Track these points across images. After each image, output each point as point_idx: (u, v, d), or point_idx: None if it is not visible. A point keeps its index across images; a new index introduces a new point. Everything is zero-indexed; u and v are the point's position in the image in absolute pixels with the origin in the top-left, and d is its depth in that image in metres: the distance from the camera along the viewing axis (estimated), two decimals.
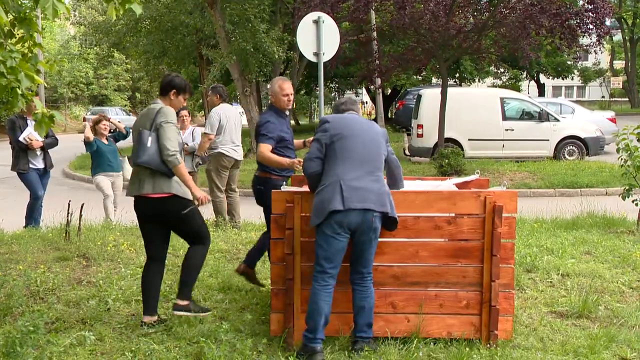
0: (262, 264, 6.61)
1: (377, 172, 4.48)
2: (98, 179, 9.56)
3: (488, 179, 5.68)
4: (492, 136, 17.40)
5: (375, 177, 4.45)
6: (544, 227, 8.53)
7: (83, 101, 47.37)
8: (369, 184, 4.40)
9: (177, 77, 5.29)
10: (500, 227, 4.52)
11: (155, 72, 26.92)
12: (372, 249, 4.48)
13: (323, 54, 10.35)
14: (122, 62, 46.68)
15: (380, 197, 4.40)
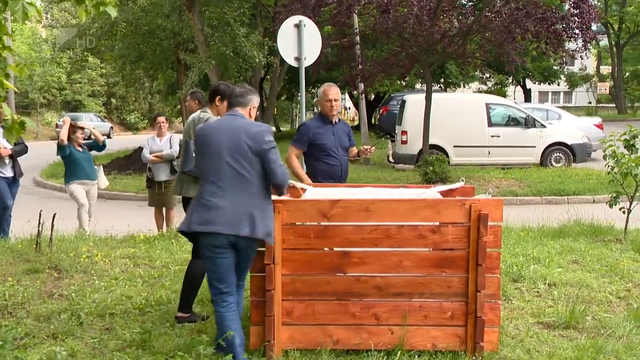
0: None
1: (241, 185, 4.31)
2: (72, 188, 9.48)
3: (473, 186, 5.71)
4: (477, 143, 17.52)
5: (235, 192, 4.31)
6: (531, 236, 8.58)
7: (55, 107, 46.95)
8: (228, 201, 4.29)
9: (222, 84, 5.73)
10: (485, 236, 4.54)
11: (131, 77, 26.77)
12: (248, 261, 4.49)
13: (304, 58, 10.36)
14: (96, 67, 46.43)
15: (235, 215, 4.27)
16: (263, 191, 4.38)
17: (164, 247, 8.08)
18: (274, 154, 4.37)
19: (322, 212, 4.61)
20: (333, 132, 6.19)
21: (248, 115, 4.58)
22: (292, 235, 4.64)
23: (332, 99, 6.10)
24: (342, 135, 6.24)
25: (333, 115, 6.17)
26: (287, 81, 32.23)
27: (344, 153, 6.23)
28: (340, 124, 6.27)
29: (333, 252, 4.72)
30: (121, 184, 17.19)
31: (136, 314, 5.61)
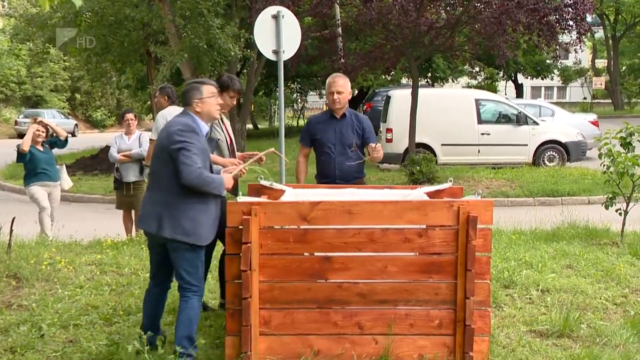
0: (216, 281, 6.57)
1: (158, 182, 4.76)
2: (33, 190, 9.40)
3: (462, 187, 5.74)
4: (466, 141, 17.62)
5: (153, 189, 4.82)
6: (523, 239, 8.64)
7: (14, 102, 46.42)
8: (147, 196, 4.88)
9: (223, 75, 5.87)
10: (474, 240, 4.57)
11: (97, 70, 26.56)
12: (178, 262, 4.73)
13: (283, 51, 10.34)
14: (59, 60, 46.01)
15: (148, 212, 4.78)
16: (182, 190, 4.64)
17: (133, 252, 8.04)
18: (182, 154, 4.60)
19: (302, 215, 4.62)
20: (335, 127, 6.16)
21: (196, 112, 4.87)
22: (270, 239, 4.64)
23: (335, 91, 6.07)
24: (347, 131, 6.14)
25: (336, 109, 6.15)
26: (264, 76, 32.13)
27: (343, 150, 6.12)
28: (349, 119, 6.16)
29: (313, 258, 4.73)
30: (87, 185, 17.08)
31: (103, 325, 5.57)
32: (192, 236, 4.65)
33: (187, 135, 4.65)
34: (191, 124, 4.75)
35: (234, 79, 5.93)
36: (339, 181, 6.03)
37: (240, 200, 4.75)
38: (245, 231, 4.58)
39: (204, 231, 4.71)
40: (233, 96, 5.93)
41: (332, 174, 6.16)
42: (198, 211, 4.68)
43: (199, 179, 4.59)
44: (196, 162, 4.60)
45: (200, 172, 4.60)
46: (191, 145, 4.62)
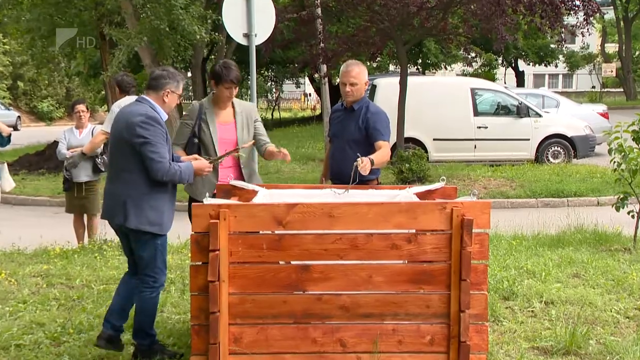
0: (180, 294, 6.56)
1: (120, 174, 5.14)
2: None
3: (456, 187, 5.76)
4: (461, 135, 17.71)
5: (115, 181, 5.21)
6: (524, 245, 8.70)
7: None
8: (108, 188, 5.27)
9: (221, 63, 6.04)
10: (470, 246, 4.59)
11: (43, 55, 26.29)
12: (139, 252, 5.20)
13: (255, 35, 10.34)
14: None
15: (112, 204, 5.19)
16: (146, 181, 5.05)
17: (86, 262, 8.00)
18: (148, 150, 4.98)
19: (277, 219, 4.62)
20: (343, 119, 6.26)
21: (161, 101, 5.23)
22: (240, 246, 4.64)
23: (348, 82, 6.10)
24: (350, 126, 6.17)
25: (347, 101, 6.22)
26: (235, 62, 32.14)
27: (342, 146, 6.16)
28: (358, 112, 6.17)
29: (290, 267, 4.73)
30: (31, 186, 16.95)
31: (50, 345, 5.54)
32: (156, 226, 5.11)
33: (151, 128, 5.00)
34: (152, 114, 5.08)
35: (229, 68, 5.96)
36: (337, 181, 6.03)
37: (207, 203, 4.74)
38: (213, 237, 4.57)
39: (166, 220, 5.18)
40: (229, 87, 5.99)
41: (333, 172, 6.25)
42: (161, 200, 5.13)
43: (169, 175, 5.01)
44: (164, 157, 5.00)
45: (169, 167, 5.00)
46: (156, 138, 4.99)
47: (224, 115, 6.15)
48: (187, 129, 6.12)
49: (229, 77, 5.92)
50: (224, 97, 6.04)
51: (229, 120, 6.16)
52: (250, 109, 6.34)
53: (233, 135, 6.11)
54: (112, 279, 7.30)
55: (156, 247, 5.21)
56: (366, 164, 5.49)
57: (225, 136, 6.09)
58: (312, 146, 22.97)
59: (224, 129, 6.11)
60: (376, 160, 5.70)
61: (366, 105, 6.23)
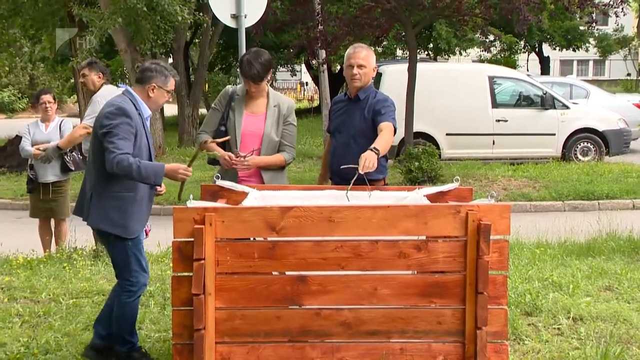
0: (160, 309, 6.57)
1: (92, 167, 5.50)
2: None
3: (472, 188, 5.78)
4: (478, 130, 17.71)
5: (88, 173, 5.61)
6: (549, 254, 8.70)
7: None
8: (82, 186, 5.63)
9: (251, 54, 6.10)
10: (487, 254, 4.60)
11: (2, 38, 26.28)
12: (110, 255, 5.60)
13: (245, 16, 10.36)
14: None
15: (81, 198, 5.59)
16: (110, 177, 5.31)
17: (53, 273, 8.01)
18: (107, 139, 5.25)
19: (270, 224, 4.63)
20: (346, 110, 6.28)
21: (146, 96, 5.52)
22: (229, 255, 4.65)
23: (356, 64, 6.11)
24: (356, 117, 6.17)
25: (354, 87, 6.22)
26: (222, 47, 32.14)
27: (346, 140, 6.18)
28: (364, 101, 6.18)
29: (284, 278, 4.75)
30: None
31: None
32: (118, 227, 5.37)
33: (115, 118, 5.29)
34: (124, 106, 5.33)
35: (251, 63, 6.00)
36: (338, 180, 6.04)
37: (191, 206, 4.75)
38: (198, 245, 4.58)
39: (132, 223, 5.40)
40: (248, 83, 6.06)
41: (332, 170, 6.26)
42: (126, 200, 5.39)
43: (120, 166, 5.17)
44: (121, 148, 5.21)
45: (122, 158, 5.17)
46: (118, 128, 5.25)
47: (255, 105, 6.20)
48: (215, 116, 6.24)
49: (247, 73, 5.99)
50: (249, 90, 6.14)
51: (260, 111, 6.20)
52: (286, 104, 6.31)
53: (260, 128, 6.13)
54: (83, 292, 7.32)
55: (126, 248, 5.43)
56: (369, 160, 5.41)
57: (251, 128, 6.13)
58: (309, 142, 22.97)
59: (251, 120, 6.15)
60: (380, 147, 5.64)
61: (373, 93, 6.24)
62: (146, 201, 5.53)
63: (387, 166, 6.27)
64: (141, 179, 5.28)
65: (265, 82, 6.11)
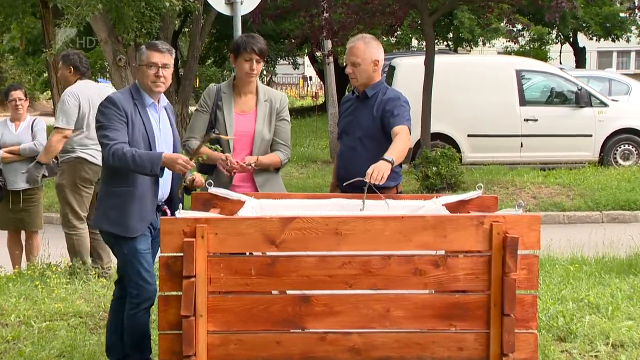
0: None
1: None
2: None
3: (497, 196, 5.78)
4: (504, 130, 17.69)
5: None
6: (585, 271, 8.69)
7: None
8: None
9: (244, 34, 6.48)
10: (514, 272, 4.59)
11: None
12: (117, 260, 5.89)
13: (241, 2, 10.38)
14: None
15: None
16: (111, 175, 5.67)
17: (24, 292, 8.03)
18: (100, 132, 5.60)
19: (269, 237, 4.63)
20: (354, 109, 6.31)
21: (140, 81, 5.77)
22: (222, 271, 4.65)
23: (349, 61, 6.16)
24: (364, 117, 6.19)
25: (353, 85, 6.30)
26: (215, 37, 32.18)
27: (352, 143, 6.21)
28: (373, 99, 6.19)
29: (286, 297, 4.75)
30: None
31: None
32: (117, 226, 5.63)
33: (105, 111, 5.59)
34: (113, 96, 5.71)
35: (252, 37, 6.14)
36: (345, 187, 5.91)
37: (181, 217, 4.76)
38: (188, 260, 4.58)
39: (132, 221, 5.60)
40: (249, 59, 6.07)
41: (339, 177, 6.24)
42: (125, 197, 5.62)
43: (115, 156, 5.44)
44: (114, 138, 5.48)
45: (117, 148, 5.43)
46: (108, 120, 5.54)
47: (244, 102, 6.26)
48: (202, 119, 6.28)
49: (250, 46, 6.02)
50: (243, 75, 6.14)
51: (249, 109, 6.26)
52: (278, 99, 6.37)
53: (251, 126, 6.19)
54: (58, 314, 7.33)
55: (126, 252, 5.65)
56: (377, 171, 5.39)
57: (242, 128, 6.18)
58: (313, 144, 22.97)
59: (242, 119, 6.21)
60: (395, 156, 5.62)
61: (383, 90, 6.24)
62: (150, 197, 5.69)
63: (400, 172, 6.27)
64: (137, 169, 5.45)
65: (261, 66, 6.19)
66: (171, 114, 6.08)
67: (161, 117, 5.89)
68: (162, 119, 5.88)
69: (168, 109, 6.04)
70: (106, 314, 7.28)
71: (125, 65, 19.06)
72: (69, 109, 8.62)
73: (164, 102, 5.97)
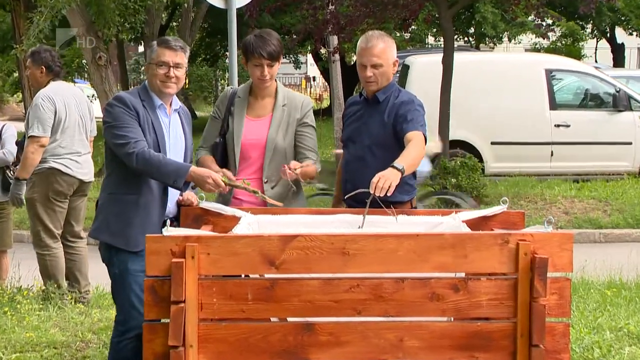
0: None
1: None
2: None
3: (523, 212, 5.79)
4: (532, 137, 17.68)
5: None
6: (624, 296, 8.69)
7: None
8: None
9: (256, 32, 6.27)
10: (544, 297, 4.60)
11: None
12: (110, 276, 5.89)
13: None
14: None
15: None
16: (115, 180, 5.78)
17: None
18: (110, 134, 5.63)
19: (268, 257, 4.63)
20: (363, 116, 6.28)
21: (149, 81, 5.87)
22: (215, 296, 4.66)
23: (367, 63, 6.09)
24: (374, 124, 6.18)
25: (369, 90, 6.25)
26: (207, 32, 32.23)
27: (360, 152, 6.20)
28: (384, 104, 6.18)
29: (286, 325, 4.75)
30: None
31: None
32: (118, 237, 5.67)
33: (115, 109, 5.63)
34: (122, 94, 5.78)
35: (263, 38, 6.11)
36: (352, 202, 5.97)
37: (168, 234, 4.76)
38: (176, 283, 4.59)
39: (134, 233, 5.58)
40: (259, 64, 6.08)
41: (346, 190, 6.16)
42: (127, 205, 5.67)
43: (139, 159, 5.47)
44: (133, 137, 5.51)
45: (143, 150, 5.46)
46: (120, 119, 5.57)
47: (259, 107, 6.28)
48: (215, 126, 6.35)
49: (258, 51, 6.01)
50: (255, 80, 6.18)
51: (264, 114, 6.27)
52: (299, 104, 6.34)
53: (263, 134, 6.19)
54: (30, 345, 7.32)
55: (115, 270, 5.72)
56: (384, 180, 5.32)
57: (252, 136, 6.19)
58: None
59: (253, 125, 6.22)
60: (406, 164, 5.55)
61: (395, 93, 6.24)
62: (157, 208, 5.71)
63: (415, 185, 6.27)
64: (159, 176, 5.54)
65: (277, 67, 6.17)
66: (185, 119, 6.08)
67: (172, 121, 5.91)
68: (172, 124, 5.90)
69: (182, 113, 6.04)
70: (84, 344, 7.33)
71: (106, 64, 19.06)
72: (44, 115, 8.61)
73: (176, 105, 5.98)
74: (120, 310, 5.66)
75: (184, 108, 6.14)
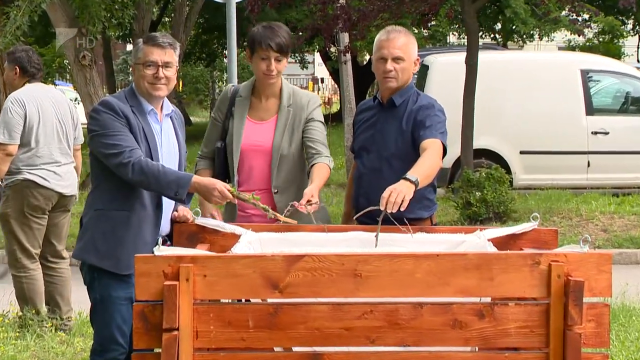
0: None
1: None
2: None
3: (557, 229, 5.79)
4: (566, 146, 17.67)
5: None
6: None
7: None
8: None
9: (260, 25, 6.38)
10: (579, 324, 4.60)
11: None
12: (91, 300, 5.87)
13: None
14: None
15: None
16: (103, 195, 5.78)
17: None
18: (97, 142, 5.64)
19: (271, 279, 4.63)
20: (378, 121, 6.25)
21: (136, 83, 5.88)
22: (213, 323, 4.66)
23: (388, 55, 6.05)
24: (391, 131, 6.14)
25: (386, 89, 6.20)
26: (203, 29, 32.29)
27: (377, 164, 6.15)
28: (402, 107, 6.15)
29: (291, 356, 4.77)
30: None
31: None
32: (106, 260, 5.66)
33: (101, 115, 5.61)
34: (108, 99, 5.77)
35: (272, 29, 6.20)
36: (365, 219, 5.81)
37: (160, 254, 4.76)
38: (169, 309, 4.59)
39: (125, 255, 5.53)
40: (266, 57, 6.11)
41: (359, 205, 6.11)
42: (117, 223, 5.65)
43: (135, 169, 5.43)
44: (128, 146, 5.49)
45: (138, 159, 5.44)
46: (108, 126, 5.55)
47: (264, 108, 6.32)
48: (215, 129, 6.41)
49: (266, 41, 6.05)
50: (261, 76, 6.19)
51: (268, 116, 6.30)
52: (306, 102, 6.37)
53: (267, 139, 6.22)
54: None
55: (96, 294, 5.72)
56: (396, 194, 5.27)
57: (254, 140, 6.23)
58: None
59: (256, 128, 6.26)
60: (420, 175, 5.50)
61: (414, 97, 6.21)
62: (150, 226, 5.71)
63: (435, 199, 6.26)
64: (158, 188, 5.51)
65: (284, 64, 6.21)
66: (178, 124, 6.09)
67: (164, 127, 5.91)
68: (164, 130, 5.90)
69: (175, 118, 6.06)
70: None
71: (91, 63, 19.10)
72: (12, 120, 8.61)
73: (168, 110, 5.97)
74: (96, 339, 5.66)
75: (177, 111, 6.15)
